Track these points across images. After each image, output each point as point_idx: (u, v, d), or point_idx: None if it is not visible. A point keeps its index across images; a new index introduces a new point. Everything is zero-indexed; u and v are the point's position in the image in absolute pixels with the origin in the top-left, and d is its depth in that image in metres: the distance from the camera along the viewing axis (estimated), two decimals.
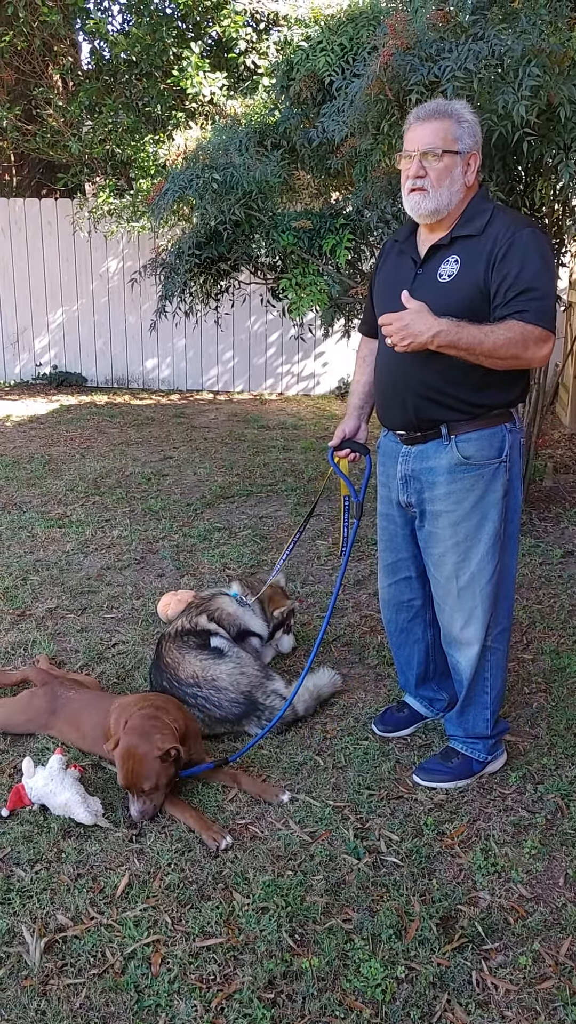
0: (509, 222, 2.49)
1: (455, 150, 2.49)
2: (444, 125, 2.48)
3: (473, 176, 2.54)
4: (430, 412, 2.62)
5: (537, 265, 2.42)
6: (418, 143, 2.50)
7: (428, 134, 2.49)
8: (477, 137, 2.55)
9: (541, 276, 2.42)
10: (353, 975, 2.13)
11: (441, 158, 2.48)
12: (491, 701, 2.85)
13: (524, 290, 2.40)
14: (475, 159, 2.53)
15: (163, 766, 2.64)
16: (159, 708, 2.82)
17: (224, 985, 2.10)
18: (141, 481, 6.42)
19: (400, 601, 3.03)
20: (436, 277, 2.54)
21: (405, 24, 3.68)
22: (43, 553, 4.91)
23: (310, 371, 10.65)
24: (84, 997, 2.07)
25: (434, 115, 2.50)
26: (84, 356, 10.76)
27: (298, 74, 4.64)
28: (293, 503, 5.85)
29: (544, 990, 2.10)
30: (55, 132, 9.19)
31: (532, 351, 2.42)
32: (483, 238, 2.48)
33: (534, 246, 2.44)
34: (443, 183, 2.50)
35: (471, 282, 2.48)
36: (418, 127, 2.52)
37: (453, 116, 2.50)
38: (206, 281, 5.79)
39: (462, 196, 2.54)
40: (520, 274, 2.41)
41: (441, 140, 2.48)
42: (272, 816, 2.71)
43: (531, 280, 2.40)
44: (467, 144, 2.51)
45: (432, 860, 2.53)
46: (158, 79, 8.75)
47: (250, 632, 3.52)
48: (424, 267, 2.59)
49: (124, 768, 2.65)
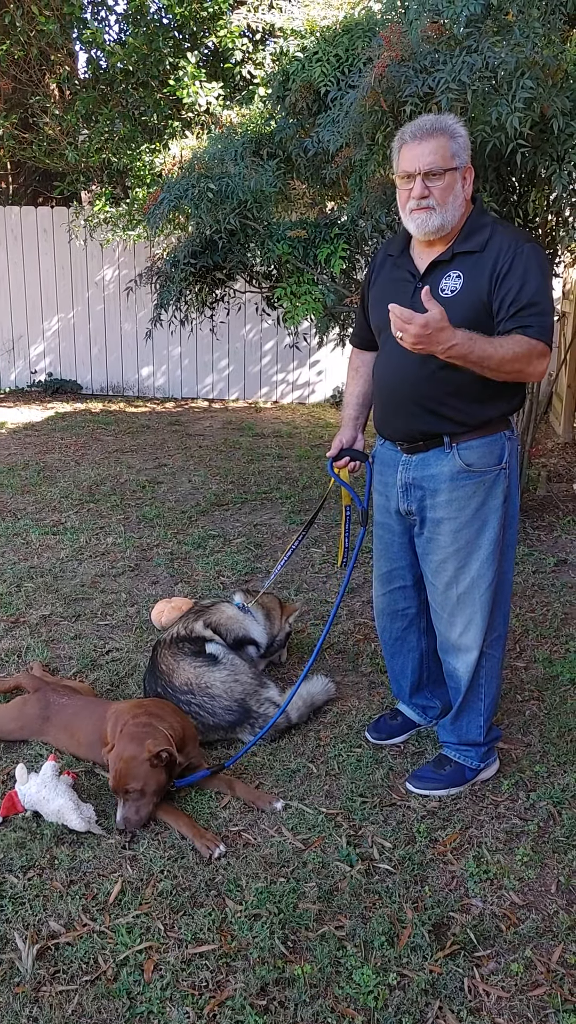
0: (510, 238, 2.52)
1: (454, 166, 2.49)
2: (441, 142, 2.48)
3: (470, 189, 2.56)
4: (433, 424, 2.64)
5: (539, 281, 2.45)
6: (418, 163, 2.49)
7: (428, 153, 2.48)
8: (469, 151, 2.56)
9: (542, 292, 2.46)
10: (345, 982, 2.13)
11: (443, 176, 2.48)
12: (485, 708, 2.85)
13: (527, 304, 2.43)
14: (470, 172, 2.55)
15: (152, 770, 2.63)
16: (153, 715, 2.82)
17: (217, 992, 2.10)
18: (136, 488, 6.43)
19: (395, 610, 3.04)
20: (438, 292, 2.55)
21: (400, 36, 3.71)
22: (37, 560, 4.91)
23: (305, 379, 10.68)
24: (76, 1004, 2.07)
25: (430, 133, 2.49)
26: (79, 364, 10.77)
27: (294, 84, 4.67)
28: (288, 511, 5.86)
29: (536, 997, 2.11)
30: (51, 141, 9.23)
31: (534, 365, 2.46)
32: (485, 255, 2.51)
33: (535, 262, 2.47)
34: (447, 200, 2.50)
35: (475, 296, 2.50)
36: (415, 146, 2.49)
37: (448, 132, 2.49)
38: (201, 290, 5.82)
39: (462, 211, 2.55)
40: (523, 289, 2.44)
41: (441, 158, 2.48)
42: (265, 823, 2.71)
43: (533, 295, 2.44)
44: (463, 159, 2.52)
45: (425, 867, 2.53)
46: (155, 89, 8.79)
47: (249, 640, 3.51)
48: (424, 281, 2.59)
49: (113, 770, 2.65)
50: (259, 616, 3.57)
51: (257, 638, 3.53)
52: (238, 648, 3.44)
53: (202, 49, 9.00)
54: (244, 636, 3.49)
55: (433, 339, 2.33)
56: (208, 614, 3.49)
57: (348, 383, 3.06)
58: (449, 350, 2.36)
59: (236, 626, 3.48)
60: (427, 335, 2.32)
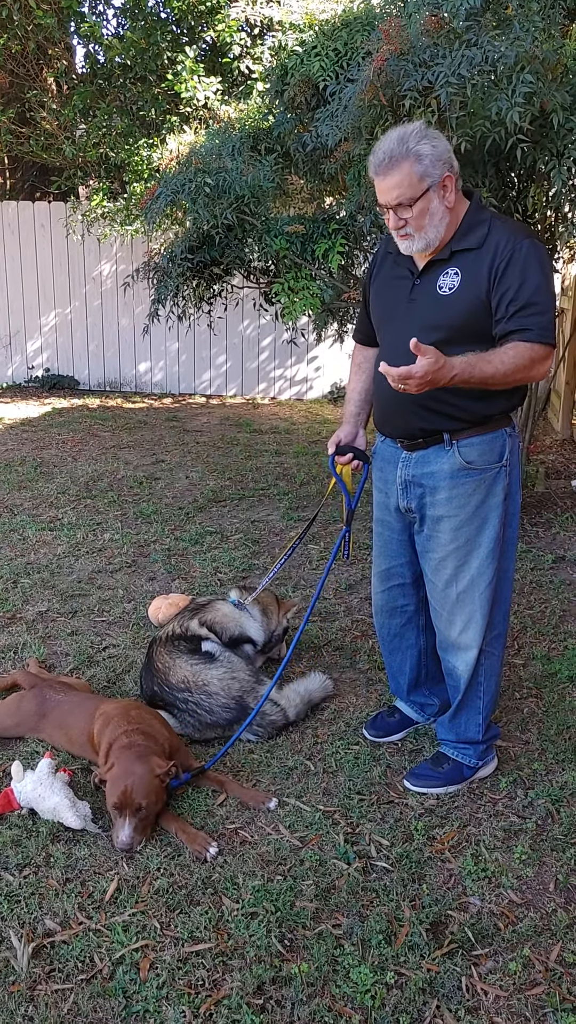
0: (508, 233, 2.48)
1: (424, 189, 2.42)
2: (404, 171, 2.40)
3: (454, 196, 2.48)
4: (433, 422, 2.63)
5: (538, 279, 2.42)
6: (386, 198, 2.45)
7: (392, 187, 2.42)
8: (444, 158, 2.44)
9: (542, 290, 2.43)
10: (343, 981, 2.12)
11: (414, 205, 2.43)
12: (484, 706, 2.85)
13: (526, 305, 2.40)
14: (450, 180, 2.45)
15: (159, 788, 2.60)
16: (146, 733, 2.76)
17: (213, 991, 2.09)
18: (133, 485, 6.41)
19: (394, 607, 3.02)
20: (436, 290, 2.54)
21: (399, 29, 3.69)
22: (34, 556, 4.89)
23: (303, 375, 10.66)
24: (72, 1003, 2.06)
25: (391, 164, 2.40)
26: (77, 359, 10.74)
27: (292, 79, 4.64)
28: (285, 507, 5.84)
29: (534, 996, 2.10)
30: (49, 135, 9.19)
31: (537, 369, 2.45)
32: (483, 251, 2.47)
33: (534, 258, 2.43)
34: (424, 224, 2.47)
35: (472, 294, 2.47)
36: (380, 181, 2.44)
37: (410, 156, 2.39)
38: (199, 285, 5.79)
39: (449, 219, 2.51)
40: (521, 288, 2.41)
41: (407, 188, 2.41)
42: (262, 821, 2.70)
43: (532, 294, 2.41)
44: (436, 174, 2.42)
45: (422, 865, 2.52)
46: (152, 83, 8.76)
47: (246, 638, 3.50)
48: (422, 279, 2.58)
49: (118, 787, 2.55)
50: (256, 613, 3.56)
51: (254, 636, 3.52)
52: (234, 646, 3.43)
53: (200, 43, 8.97)
54: (240, 634, 3.48)
55: (434, 382, 2.34)
56: (203, 612, 3.47)
57: (350, 379, 3.04)
58: (451, 381, 2.37)
59: (232, 624, 3.47)
60: (428, 381, 2.33)
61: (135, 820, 2.53)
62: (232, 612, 3.51)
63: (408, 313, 2.60)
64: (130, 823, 2.53)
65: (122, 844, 2.50)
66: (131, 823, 2.53)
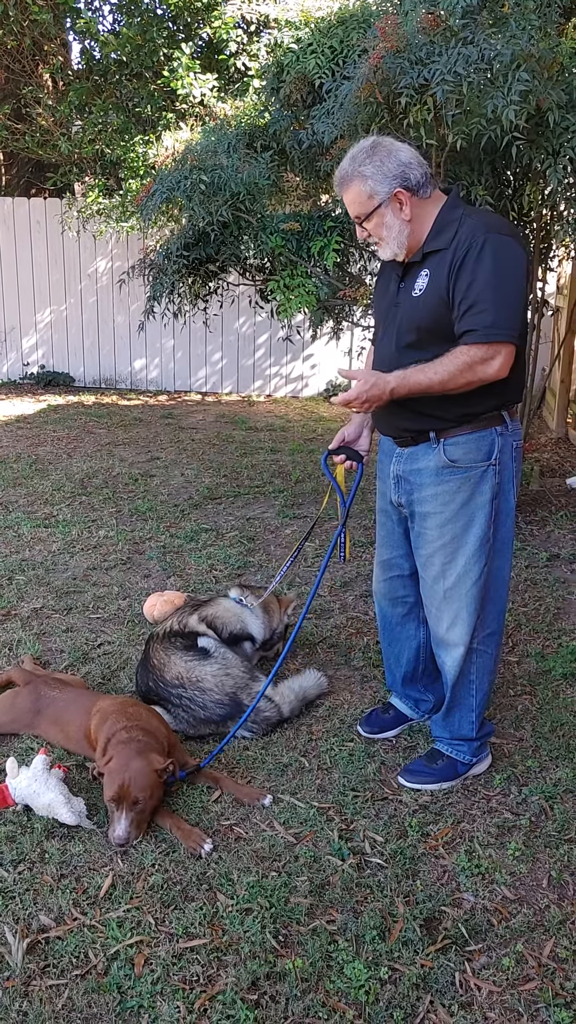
0: (472, 230, 2.46)
1: (374, 207, 2.52)
2: (354, 191, 2.53)
3: (409, 209, 2.51)
4: (416, 422, 2.66)
5: (489, 275, 2.40)
6: (350, 211, 2.61)
7: (349, 203, 2.57)
8: (393, 174, 2.48)
9: (490, 287, 2.40)
10: (337, 976, 2.13)
11: (369, 219, 2.55)
12: (477, 704, 2.85)
13: (473, 304, 2.41)
14: (403, 194, 2.49)
15: (158, 783, 2.61)
16: (144, 729, 2.77)
17: (207, 986, 2.10)
18: (128, 482, 6.41)
19: (394, 597, 3.04)
20: (412, 292, 2.59)
21: (395, 27, 3.69)
22: (29, 553, 4.89)
23: (298, 373, 10.66)
24: (67, 998, 2.06)
25: (343, 184, 2.56)
26: (72, 356, 10.73)
27: (288, 76, 4.65)
28: (280, 505, 5.85)
29: (527, 991, 2.11)
30: (44, 131, 9.17)
31: (481, 371, 2.43)
32: (449, 250, 2.49)
33: (488, 253, 2.41)
34: (383, 235, 2.57)
35: (436, 294, 2.50)
36: (342, 197, 2.61)
37: (357, 176, 2.50)
38: (194, 282, 5.79)
39: (409, 229, 2.54)
40: (471, 286, 2.41)
41: (359, 206, 2.54)
42: (257, 817, 2.70)
43: (478, 293, 2.40)
44: (384, 190, 2.49)
45: (416, 861, 2.53)
46: (148, 80, 8.75)
47: (247, 635, 3.49)
48: (404, 282, 2.65)
49: (116, 781, 2.55)
50: (258, 611, 3.56)
51: (255, 632, 3.52)
52: (234, 643, 3.43)
53: (196, 40, 8.96)
54: (241, 632, 3.48)
55: (373, 399, 2.51)
56: (204, 608, 3.48)
57: None
58: (392, 395, 2.50)
59: (233, 620, 3.47)
60: (369, 400, 2.52)
61: (132, 814, 2.53)
62: (234, 608, 3.52)
63: (393, 316, 2.67)
64: (127, 817, 2.53)
65: (118, 838, 2.50)
66: (127, 817, 2.53)
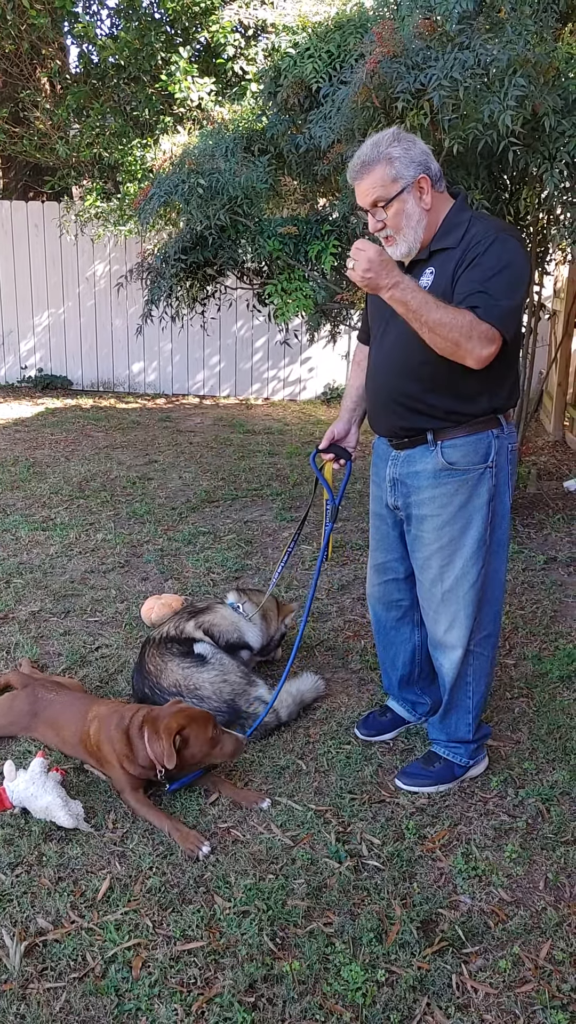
0: (483, 231, 2.48)
1: (398, 191, 2.47)
2: (378, 174, 2.47)
3: (430, 197, 2.51)
4: (414, 421, 2.65)
5: (495, 269, 2.41)
6: (363, 200, 2.53)
7: (367, 189, 2.49)
8: (417, 160, 2.49)
9: (496, 281, 2.41)
10: (334, 979, 2.13)
11: (390, 206, 2.49)
12: (474, 706, 2.86)
13: (478, 291, 2.40)
14: (425, 181, 2.49)
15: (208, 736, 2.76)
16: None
17: (205, 989, 2.10)
18: (126, 485, 6.41)
19: (389, 601, 3.04)
20: None
21: (392, 32, 3.70)
22: (27, 556, 4.89)
23: (296, 376, 10.67)
24: (64, 1001, 2.06)
25: (364, 168, 2.49)
26: (70, 359, 10.74)
27: (286, 80, 4.66)
28: (278, 508, 5.86)
29: (524, 993, 2.11)
30: (42, 135, 9.18)
31: (474, 344, 2.38)
32: (458, 249, 2.50)
33: (497, 250, 2.43)
34: (402, 225, 2.51)
35: (439, 292, 2.49)
36: (358, 186, 2.52)
37: (382, 159, 2.46)
38: (192, 286, 5.80)
39: (427, 221, 2.54)
40: (476, 275, 2.42)
41: (381, 189, 2.47)
42: (254, 820, 2.71)
43: (486, 284, 2.40)
44: (409, 175, 2.47)
45: (413, 864, 2.54)
46: (146, 83, 8.76)
47: (243, 644, 3.47)
48: None
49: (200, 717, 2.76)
50: (256, 618, 3.55)
51: (251, 641, 3.49)
52: (231, 652, 3.41)
53: (194, 44, 8.97)
54: (238, 640, 3.45)
55: (382, 269, 2.36)
56: (201, 615, 3.46)
57: (351, 375, 3.09)
58: (393, 287, 2.37)
59: (230, 630, 3.44)
60: (371, 275, 2.36)
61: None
62: (231, 616, 3.49)
63: (394, 314, 2.62)
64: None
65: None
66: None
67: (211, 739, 2.74)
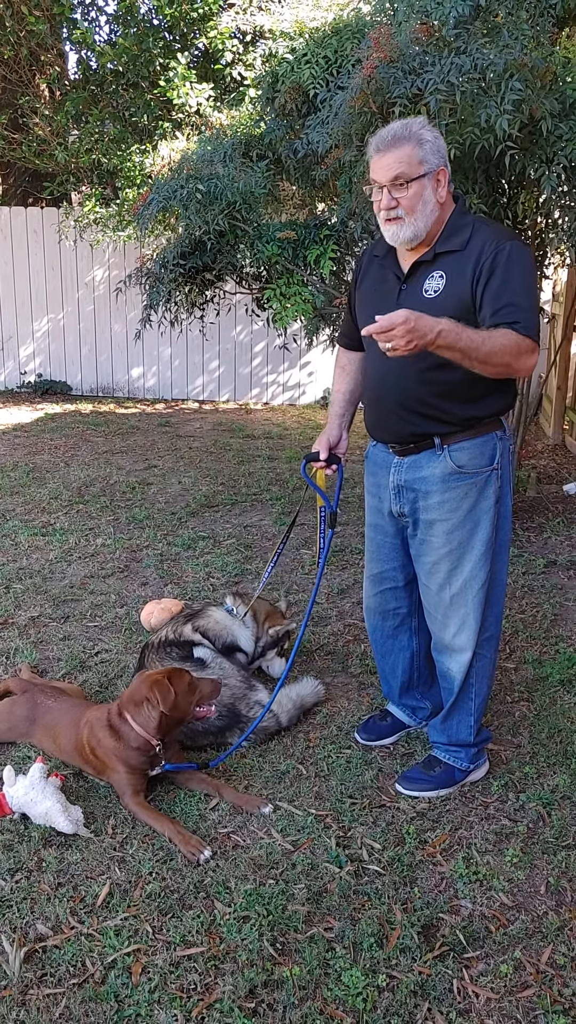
0: (491, 235, 2.50)
1: (421, 173, 2.45)
2: (406, 151, 2.44)
3: (445, 191, 2.52)
4: (422, 426, 2.64)
5: (521, 279, 2.43)
6: (384, 174, 2.47)
7: (392, 163, 2.45)
8: (441, 152, 2.50)
9: (525, 290, 2.43)
10: (334, 984, 2.13)
11: (409, 186, 2.46)
12: (475, 708, 2.85)
13: (510, 303, 2.40)
14: (444, 174, 2.50)
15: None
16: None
17: (205, 994, 2.09)
18: (125, 490, 6.41)
19: (386, 609, 3.03)
20: (422, 293, 2.55)
21: (389, 37, 3.71)
22: (26, 561, 4.89)
23: (295, 380, 10.68)
24: (64, 1007, 2.06)
25: (394, 142, 2.45)
26: (69, 364, 10.75)
27: (283, 86, 4.67)
28: (278, 512, 5.85)
29: (525, 998, 2.10)
30: (41, 141, 9.20)
31: (522, 361, 2.41)
32: (466, 252, 2.49)
33: (517, 259, 2.44)
34: (416, 209, 2.48)
35: (457, 297, 2.48)
36: (380, 157, 2.47)
37: (413, 139, 2.45)
38: (191, 291, 5.80)
39: (438, 215, 2.53)
40: (505, 287, 2.41)
41: (406, 166, 2.44)
42: (254, 825, 2.70)
43: (516, 293, 2.41)
44: (433, 163, 2.47)
45: (414, 868, 2.53)
46: (145, 89, 8.78)
47: (236, 647, 3.48)
48: (408, 283, 2.60)
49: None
50: (249, 621, 3.55)
51: (244, 645, 3.50)
52: (227, 654, 3.42)
53: (192, 50, 9.00)
54: (233, 643, 3.47)
55: (419, 329, 2.21)
56: (197, 618, 3.47)
57: (335, 381, 3.06)
58: (438, 337, 2.25)
59: (224, 634, 3.45)
60: (412, 328, 2.20)
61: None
62: (224, 619, 3.50)
63: None
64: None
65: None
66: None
67: (189, 684, 2.82)
